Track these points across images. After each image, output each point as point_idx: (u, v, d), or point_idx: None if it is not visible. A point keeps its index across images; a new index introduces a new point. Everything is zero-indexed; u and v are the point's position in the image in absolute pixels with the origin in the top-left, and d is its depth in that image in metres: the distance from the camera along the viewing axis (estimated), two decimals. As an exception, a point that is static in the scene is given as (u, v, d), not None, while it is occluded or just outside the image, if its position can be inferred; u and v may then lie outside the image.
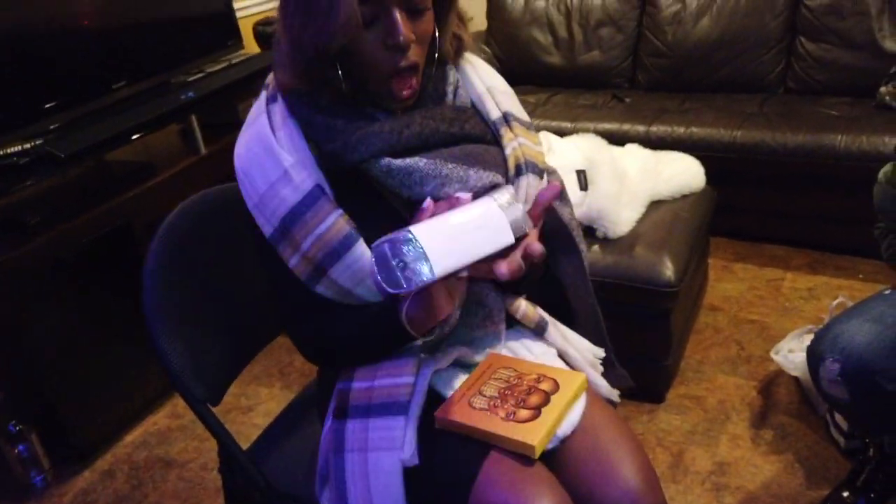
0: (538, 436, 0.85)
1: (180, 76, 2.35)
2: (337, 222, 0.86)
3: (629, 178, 1.89)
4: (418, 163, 0.87)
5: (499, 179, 0.92)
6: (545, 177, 0.98)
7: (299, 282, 0.89)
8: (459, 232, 0.73)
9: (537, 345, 1.02)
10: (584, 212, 1.77)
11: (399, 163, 0.87)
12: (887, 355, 1.22)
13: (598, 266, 1.73)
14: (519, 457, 0.86)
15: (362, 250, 0.86)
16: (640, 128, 2.54)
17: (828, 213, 2.35)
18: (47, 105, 1.88)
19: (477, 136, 0.94)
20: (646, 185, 1.92)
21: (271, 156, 0.86)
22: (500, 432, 0.86)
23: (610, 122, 2.61)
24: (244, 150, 0.89)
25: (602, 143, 1.97)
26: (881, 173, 1.39)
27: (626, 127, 2.56)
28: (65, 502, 1.80)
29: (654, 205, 1.93)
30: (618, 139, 2.38)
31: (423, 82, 0.91)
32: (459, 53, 0.99)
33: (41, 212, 1.82)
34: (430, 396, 0.91)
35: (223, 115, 2.38)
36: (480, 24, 3.38)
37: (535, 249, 0.78)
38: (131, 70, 2.15)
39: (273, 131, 0.87)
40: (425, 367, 0.91)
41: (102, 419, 1.94)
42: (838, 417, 1.64)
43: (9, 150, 1.79)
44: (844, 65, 2.57)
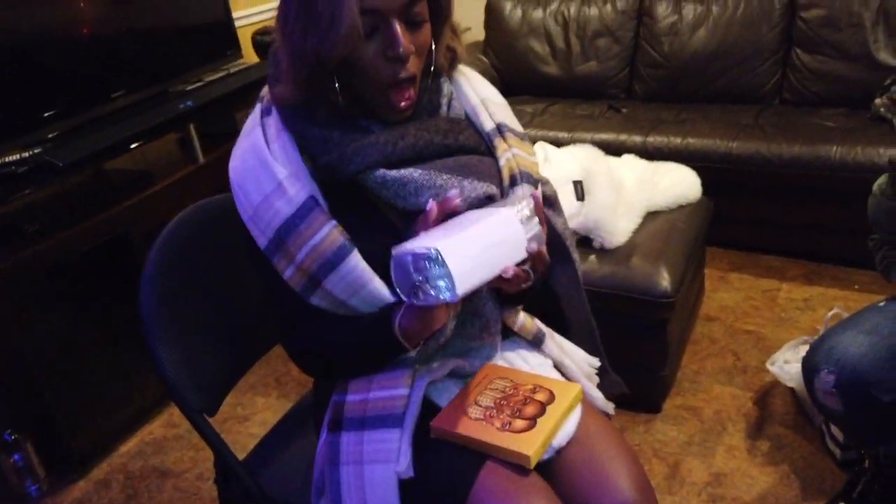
0: (534, 446, 0.85)
1: (179, 85, 2.36)
2: (331, 233, 0.86)
3: (626, 189, 1.90)
4: (413, 174, 0.88)
5: (493, 190, 0.93)
6: (539, 187, 0.99)
7: (294, 293, 0.89)
8: (482, 249, 0.75)
9: (533, 355, 1.03)
10: (580, 222, 1.78)
11: (394, 174, 0.87)
12: (882, 367, 1.23)
13: (594, 276, 1.74)
14: (514, 467, 0.86)
15: (356, 261, 0.86)
16: (637, 138, 2.55)
17: (823, 224, 2.36)
18: (46, 114, 1.89)
19: (471, 147, 0.95)
20: (642, 196, 1.93)
21: (265, 168, 0.87)
22: (496, 442, 0.86)
23: (607, 132, 2.62)
24: (239, 162, 0.90)
25: (599, 153, 1.98)
26: (875, 185, 1.40)
27: (623, 137, 2.57)
28: (60, 512, 1.80)
29: (651, 215, 1.94)
30: (615, 149, 2.39)
31: (418, 94, 0.92)
32: (453, 65, 1.00)
33: (39, 220, 1.82)
34: (425, 406, 0.91)
35: (221, 125, 2.39)
36: (478, 34, 3.40)
37: (545, 256, 0.80)
38: (130, 79, 2.16)
39: (267, 144, 0.88)
40: (420, 379, 0.92)
41: (98, 428, 1.93)
42: (834, 429, 1.64)
43: (7, 159, 1.79)
44: (839, 76, 2.59)
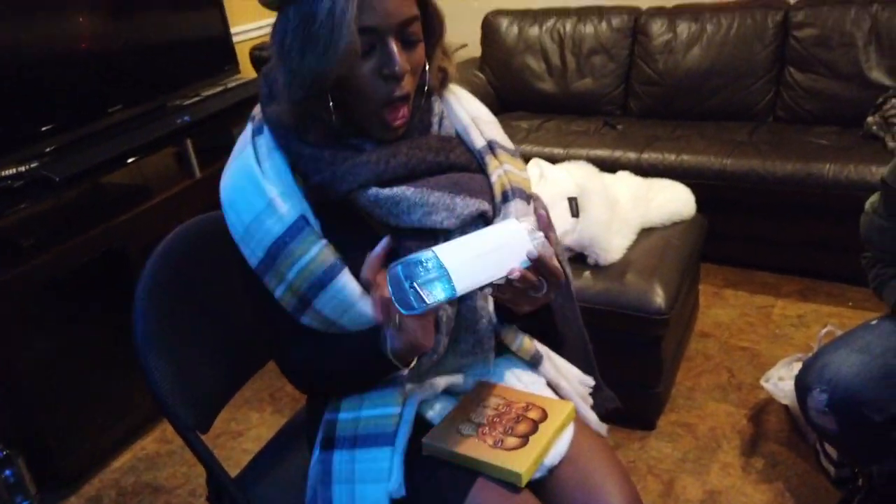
0: (525, 464, 0.85)
1: (177, 100, 2.37)
2: (322, 252, 0.86)
3: (620, 206, 1.91)
4: (405, 192, 0.89)
5: (485, 206, 0.94)
6: (531, 203, 1.00)
7: (286, 312, 0.89)
8: (482, 251, 0.77)
9: (527, 373, 1.03)
10: (575, 239, 1.79)
11: (386, 192, 0.88)
12: (874, 386, 1.23)
13: (589, 293, 1.74)
14: (506, 485, 0.86)
15: (346, 280, 0.87)
16: (632, 155, 2.57)
17: (817, 241, 2.37)
18: (44, 128, 1.89)
19: (462, 164, 0.96)
20: (637, 213, 1.94)
21: (256, 187, 0.87)
22: (488, 459, 0.86)
23: (602, 148, 2.64)
24: (230, 182, 0.90)
25: (593, 170, 2.00)
26: (868, 203, 1.41)
27: (618, 154, 2.59)
28: (50, 528, 1.78)
29: (645, 232, 1.95)
30: (609, 166, 2.41)
31: (411, 112, 0.93)
32: (444, 85, 1.01)
33: (35, 234, 1.82)
34: (417, 423, 0.91)
35: (218, 139, 2.40)
36: (475, 51, 3.42)
37: (558, 267, 0.81)
38: (128, 93, 2.18)
39: (258, 163, 0.89)
40: (413, 398, 0.92)
41: (90, 444, 1.92)
42: (828, 446, 1.64)
43: (4, 174, 1.80)
44: (832, 95, 2.61)
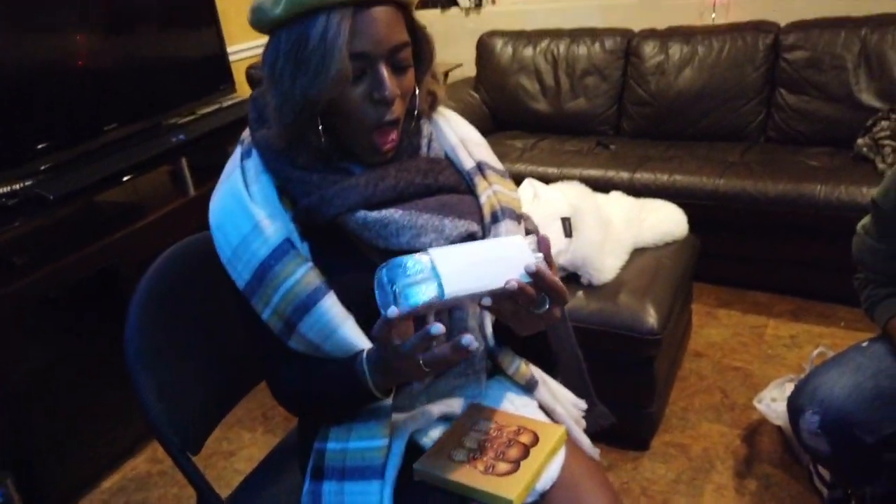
0: (517, 490, 0.85)
1: (172, 118, 2.38)
2: (306, 276, 0.86)
3: (613, 226, 1.92)
4: (394, 214, 0.89)
5: (474, 228, 0.94)
6: (521, 223, 1.00)
7: (274, 335, 0.89)
8: (477, 259, 0.77)
9: (519, 396, 1.03)
10: (568, 259, 1.79)
11: (375, 215, 0.88)
12: (866, 408, 1.24)
13: (582, 313, 1.75)
14: (498, 511, 0.86)
15: (330, 304, 0.87)
16: (625, 174, 2.58)
17: (810, 261, 2.38)
18: (39, 146, 1.90)
19: (451, 186, 0.96)
20: (630, 233, 1.95)
21: (243, 210, 0.88)
22: (479, 486, 0.86)
23: (595, 168, 2.65)
24: (218, 205, 0.91)
25: (587, 190, 2.01)
26: (859, 225, 1.42)
27: (611, 174, 2.60)
28: (38, 550, 1.76)
29: (638, 252, 1.96)
30: (603, 185, 2.42)
31: (400, 136, 0.93)
32: (433, 108, 1.02)
33: (28, 252, 1.82)
34: (409, 448, 0.91)
35: (213, 157, 2.40)
36: (469, 71, 3.46)
37: (559, 283, 0.80)
38: (123, 112, 2.18)
39: (246, 186, 0.89)
40: (404, 429, 0.91)
41: (81, 463, 1.90)
42: (821, 468, 1.64)
43: (-2, 192, 1.80)
44: (823, 116, 2.64)
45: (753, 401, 1.84)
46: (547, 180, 2.10)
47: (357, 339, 0.88)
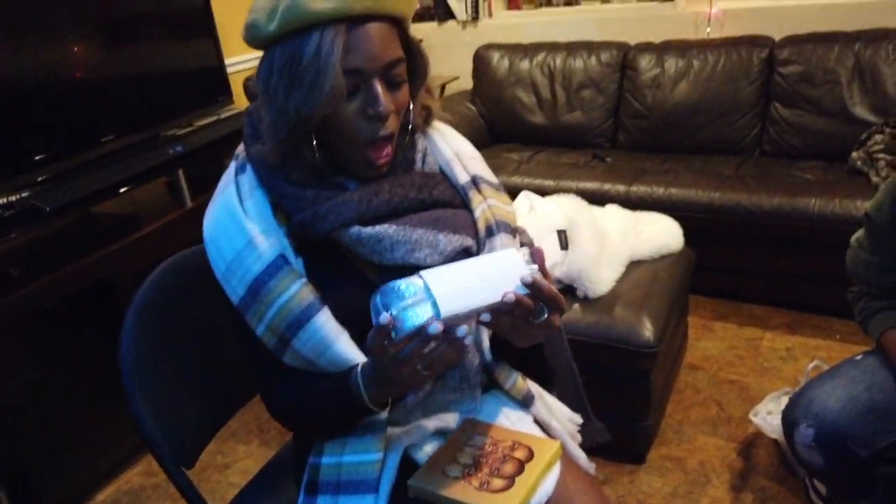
0: (512, 506, 0.85)
1: (170, 130, 2.39)
2: (300, 292, 0.86)
3: (609, 239, 1.92)
4: (388, 230, 0.89)
5: (468, 242, 0.95)
6: (517, 236, 1.01)
7: (268, 349, 0.89)
8: (472, 276, 0.77)
9: (514, 411, 1.02)
10: (564, 271, 1.80)
11: (369, 230, 0.89)
12: (860, 421, 1.24)
13: (577, 326, 1.75)
14: (493, 527, 0.85)
15: (324, 320, 0.86)
16: (621, 187, 2.59)
17: (805, 274, 2.39)
18: (37, 157, 1.90)
19: (446, 200, 0.97)
20: (625, 246, 1.96)
21: (237, 226, 0.88)
22: (474, 502, 0.85)
23: (591, 181, 2.66)
24: (212, 220, 0.91)
25: (582, 203, 2.01)
26: (853, 238, 1.43)
27: (608, 186, 2.62)
28: (31, 564, 1.75)
29: (634, 265, 1.96)
30: (599, 198, 2.43)
31: (394, 150, 0.94)
32: (428, 122, 1.02)
33: (24, 263, 1.82)
34: (403, 463, 0.91)
35: (211, 169, 2.40)
36: (466, 84, 3.48)
37: (556, 292, 0.80)
38: (121, 123, 2.19)
39: (241, 201, 0.89)
40: (399, 443, 0.91)
41: (75, 476, 1.89)
42: (817, 481, 1.64)
43: (-6, 203, 1.80)
44: (817, 130, 2.66)
45: (749, 414, 1.84)
46: (543, 193, 2.11)
47: (351, 354, 0.88)
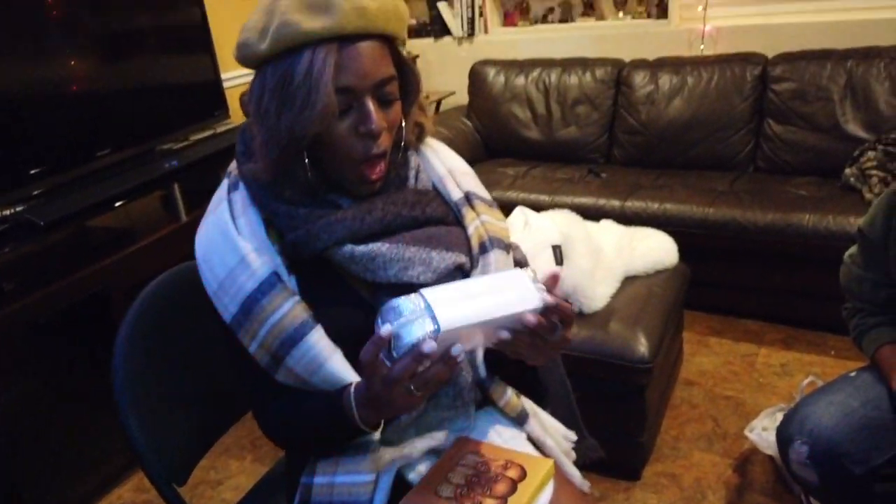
0: (504, 526, 0.84)
1: (166, 144, 2.39)
2: (293, 310, 0.86)
3: (604, 254, 1.93)
4: (381, 247, 0.89)
5: (462, 259, 0.95)
6: (510, 252, 1.01)
7: (261, 368, 0.89)
8: (474, 292, 0.77)
9: (508, 429, 1.02)
10: (558, 287, 1.79)
11: (362, 248, 0.88)
12: (854, 438, 1.24)
13: (572, 341, 1.74)
14: (486, 548, 0.85)
15: (317, 338, 0.86)
16: (616, 203, 2.60)
17: (800, 289, 2.39)
18: (32, 171, 1.89)
19: (439, 217, 0.97)
20: (620, 261, 1.96)
21: (230, 243, 0.88)
22: (466, 522, 0.85)
23: (586, 196, 2.67)
24: (204, 237, 0.91)
25: (577, 218, 2.02)
26: (846, 254, 1.43)
27: (602, 202, 2.62)
28: (20, 582, 1.72)
29: (629, 280, 1.96)
30: (594, 214, 2.44)
31: (387, 167, 0.94)
32: (421, 139, 1.03)
33: (18, 277, 1.81)
34: (396, 483, 0.90)
35: (206, 183, 2.40)
36: (462, 99, 3.49)
37: (569, 307, 0.81)
38: (117, 137, 2.19)
39: (233, 219, 0.89)
40: (392, 465, 0.91)
41: (67, 491, 1.87)
42: (813, 499, 1.63)
43: (-13, 218, 1.80)
44: (810, 146, 2.67)
45: (745, 430, 1.84)
46: (538, 208, 2.11)
47: (345, 372, 0.87)
